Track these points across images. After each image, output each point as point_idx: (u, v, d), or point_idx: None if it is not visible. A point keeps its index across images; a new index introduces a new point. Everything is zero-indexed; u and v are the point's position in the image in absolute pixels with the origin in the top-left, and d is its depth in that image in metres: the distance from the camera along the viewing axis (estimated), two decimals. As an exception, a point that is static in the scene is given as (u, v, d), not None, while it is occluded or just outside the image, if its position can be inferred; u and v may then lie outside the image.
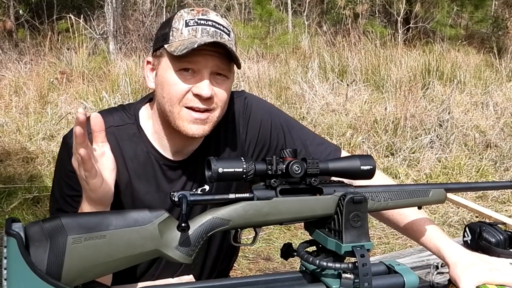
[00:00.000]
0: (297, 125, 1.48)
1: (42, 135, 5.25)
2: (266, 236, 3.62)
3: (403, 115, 5.42)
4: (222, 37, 1.21)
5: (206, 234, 1.01)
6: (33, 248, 0.91)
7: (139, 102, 1.37)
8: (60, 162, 1.28)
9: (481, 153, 5.15)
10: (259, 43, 8.32)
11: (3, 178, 4.32)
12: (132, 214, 0.98)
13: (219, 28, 1.21)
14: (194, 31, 1.19)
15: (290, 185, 1.06)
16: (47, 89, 6.45)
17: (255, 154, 1.41)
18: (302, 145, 1.42)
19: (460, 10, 10.55)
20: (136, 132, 1.30)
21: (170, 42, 1.20)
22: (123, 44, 8.30)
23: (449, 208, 4.03)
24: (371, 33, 8.63)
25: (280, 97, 6.29)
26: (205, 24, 1.20)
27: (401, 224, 1.32)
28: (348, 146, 5.08)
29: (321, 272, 1.08)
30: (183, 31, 1.20)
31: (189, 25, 1.20)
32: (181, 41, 1.19)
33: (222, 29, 1.22)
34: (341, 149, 1.47)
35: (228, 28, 1.24)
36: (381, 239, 3.55)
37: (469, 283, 1.15)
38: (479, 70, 7.50)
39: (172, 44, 1.20)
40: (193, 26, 1.20)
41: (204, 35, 1.19)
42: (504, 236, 1.40)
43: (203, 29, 1.20)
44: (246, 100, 1.42)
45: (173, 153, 1.31)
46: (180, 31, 1.20)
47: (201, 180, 1.34)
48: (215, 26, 1.21)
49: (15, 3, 9.86)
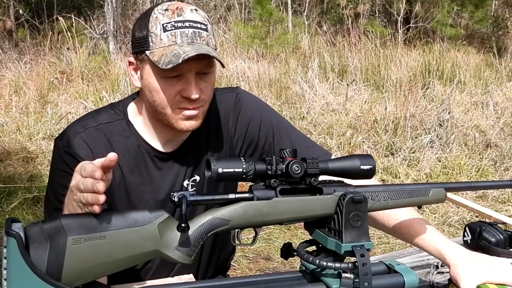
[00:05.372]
0: (288, 126, 1.48)
1: (42, 135, 5.25)
2: (266, 236, 3.62)
3: (403, 115, 5.42)
4: (201, 35, 1.23)
5: (206, 234, 1.01)
6: (33, 248, 0.91)
7: (127, 99, 1.40)
8: (53, 163, 1.32)
9: (481, 153, 5.14)
10: (259, 43, 8.32)
11: (3, 178, 4.32)
12: (132, 215, 0.99)
13: (197, 26, 1.23)
14: (173, 36, 1.21)
15: (290, 185, 1.06)
16: (47, 89, 6.45)
17: (242, 150, 1.43)
18: (291, 145, 1.41)
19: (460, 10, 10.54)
20: (126, 127, 1.33)
21: (151, 48, 1.22)
22: (123, 44, 8.30)
23: (449, 208, 4.03)
24: (371, 33, 8.62)
25: (280, 97, 6.29)
26: (183, 27, 1.21)
27: (398, 229, 1.31)
28: (348, 146, 5.08)
29: (321, 272, 1.08)
30: (162, 36, 1.21)
31: (167, 30, 1.21)
32: (162, 49, 1.20)
33: (200, 27, 1.23)
34: (332, 154, 1.46)
35: (204, 22, 1.26)
36: (381, 239, 3.56)
37: (470, 283, 1.15)
38: (479, 70, 7.50)
39: (154, 52, 1.21)
40: (171, 31, 1.21)
41: (184, 39, 1.20)
42: (504, 235, 1.40)
43: (182, 32, 1.21)
44: (238, 96, 1.44)
45: (163, 144, 1.34)
46: (159, 36, 1.21)
47: (192, 170, 1.37)
48: (193, 26, 1.22)
49: (15, 3, 9.86)
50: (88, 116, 1.35)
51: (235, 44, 8.19)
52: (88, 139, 1.28)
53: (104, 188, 0.95)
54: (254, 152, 1.44)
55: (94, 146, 1.28)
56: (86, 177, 0.98)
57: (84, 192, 0.97)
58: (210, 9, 9.93)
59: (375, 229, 1.38)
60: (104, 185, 0.95)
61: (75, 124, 1.33)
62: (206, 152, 1.39)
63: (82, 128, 1.29)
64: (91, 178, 0.96)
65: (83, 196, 0.98)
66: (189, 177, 1.37)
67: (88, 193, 0.97)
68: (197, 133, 1.36)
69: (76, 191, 1.00)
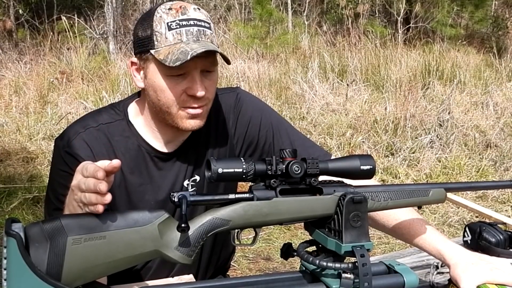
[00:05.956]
0: (288, 127, 1.48)
1: (42, 135, 5.25)
2: (266, 236, 3.62)
3: (403, 115, 5.42)
4: (205, 33, 1.23)
5: (206, 235, 1.01)
6: (33, 248, 0.91)
7: (127, 99, 1.40)
8: (53, 163, 1.32)
9: (481, 153, 5.14)
10: (259, 43, 8.32)
11: (3, 178, 4.32)
12: (132, 215, 0.99)
13: (201, 25, 1.24)
14: (178, 34, 1.21)
15: (290, 185, 1.06)
16: (47, 89, 6.46)
17: (242, 150, 1.44)
18: (290, 145, 1.42)
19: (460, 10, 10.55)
20: (126, 128, 1.33)
21: (156, 48, 1.22)
22: (123, 44, 8.30)
23: (449, 208, 4.03)
24: (371, 33, 8.62)
25: (280, 97, 6.29)
26: (188, 25, 1.22)
27: (398, 230, 1.31)
28: (348, 146, 5.07)
29: (321, 272, 1.08)
30: (167, 35, 1.21)
31: (172, 28, 1.22)
32: (168, 48, 1.21)
33: (204, 25, 1.24)
34: (331, 155, 1.46)
35: (208, 20, 1.26)
36: (381, 239, 3.56)
37: (470, 283, 1.15)
38: (479, 70, 7.50)
39: (159, 51, 1.21)
40: (177, 29, 1.21)
41: (190, 37, 1.21)
42: (504, 236, 1.40)
43: (187, 30, 1.22)
44: (238, 96, 1.45)
45: (164, 144, 1.35)
46: (164, 35, 1.22)
47: (192, 170, 1.37)
48: (197, 24, 1.23)
49: (15, 3, 9.86)
50: (89, 116, 1.35)
51: (235, 44, 8.19)
52: (88, 139, 1.28)
53: (106, 188, 0.95)
54: (254, 152, 1.44)
55: (95, 146, 1.28)
56: (88, 177, 0.98)
57: (86, 192, 0.97)
58: (210, 9, 9.93)
59: (375, 229, 1.38)
60: (106, 185, 0.95)
61: (76, 124, 1.33)
62: (206, 152, 1.39)
63: (83, 128, 1.30)
64: (93, 178, 0.96)
65: (84, 196, 0.97)
66: (189, 177, 1.37)
67: (89, 193, 0.97)
68: (197, 133, 1.36)
69: (77, 190, 1.00)
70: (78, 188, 1.00)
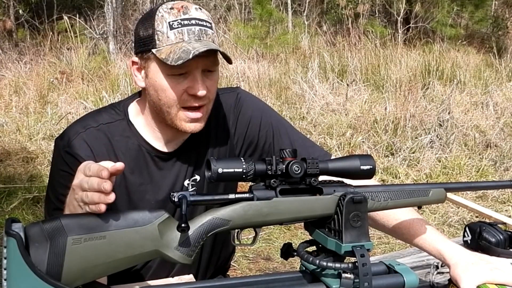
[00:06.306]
0: (288, 127, 1.49)
1: (42, 135, 5.25)
2: (266, 236, 3.62)
3: (403, 115, 5.42)
4: (207, 33, 1.24)
5: (206, 235, 1.01)
6: (33, 248, 0.91)
7: (128, 99, 1.40)
8: (53, 163, 1.32)
9: (481, 153, 5.14)
10: (259, 43, 8.32)
11: (3, 178, 4.32)
12: (132, 215, 0.99)
13: (203, 24, 1.24)
14: (180, 33, 1.21)
15: (290, 185, 1.06)
16: (47, 89, 6.46)
17: (242, 150, 1.44)
18: (290, 145, 1.42)
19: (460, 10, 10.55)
20: (126, 127, 1.33)
21: (158, 47, 1.22)
22: (123, 44, 8.31)
23: (449, 208, 4.03)
24: (371, 33, 8.63)
25: (280, 97, 6.29)
26: (189, 24, 1.22)
27: (398, 230, 1.31)
28: (348, 146, 5.07)
29: (321, 272, 1.08)
30: (169, 34, 1.21)
31: (173, 28, 1.22)
32: (170, 47, 1.21)
33: (205, 25, 1.24)
34: (331, 155, 1.47)
35: (209, 20, 1.27)
36: (381, 239, 3.56)
37: (470, 283, 1.15)
38: (479, 70, 7.50)
39: (161, 50, 1.21)
40: (178, 28, 1.22)
41: (191, 36, 1.21)
42: (504, 236, 1.40)
43: (189, 30, 1.22)
44: (238, 96, 1.45)
45: (164, 144, 1.35)
46: (165, 34, 1.22)
47: (193, 170, 1.37)
48: (199, 24, 1.23)
49: (15, 3, 9.86)
50: (89, 116, 1.35)
51: (235, 44, 8.19)
52: (88, 139, 1.28)
53: (111, 187, 0.95)
54: (254, 152, 1.44)
55: (95, 146, 1.28)
56: (91, 176, 0.97)
57: (88, 191, 0.97)
58: (210, 9, 9.93)
59: (375, 229, 1.37)
60: (111, 185, 0.95)
61: (76, 124, 1.33)
62: (207, 152, 1.39)
63: (83, 128, 1.30)
64: (97, 177, 0.96)
65: (86, 195, 0.97)
66: (189, 177, 1.37)
67: (92, 192, 0.96)
68: (198, 133, 1.35)
69: (79, 189, 1.00)
70: (80, 187, 1.00)
